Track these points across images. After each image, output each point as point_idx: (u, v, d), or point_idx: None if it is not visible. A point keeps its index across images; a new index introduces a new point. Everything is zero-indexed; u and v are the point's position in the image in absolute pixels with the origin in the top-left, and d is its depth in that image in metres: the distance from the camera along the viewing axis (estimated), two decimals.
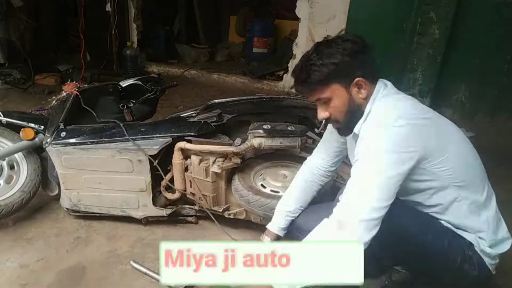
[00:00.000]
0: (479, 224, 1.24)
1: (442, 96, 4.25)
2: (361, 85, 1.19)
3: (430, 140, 1.15)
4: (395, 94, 1.24)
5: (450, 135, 1.23)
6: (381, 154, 1.10)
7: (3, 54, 5.00)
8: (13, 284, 1.68)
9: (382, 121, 1.14)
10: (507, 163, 3.09)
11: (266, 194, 1.83)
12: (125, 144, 1.92)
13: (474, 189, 1.24)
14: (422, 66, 4.07)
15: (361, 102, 1.21)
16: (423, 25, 3.91)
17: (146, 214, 2.06)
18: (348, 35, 1.21)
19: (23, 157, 2.12)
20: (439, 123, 1.23)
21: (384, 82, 1.26)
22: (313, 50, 1.20)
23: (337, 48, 1.16)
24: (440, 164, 1.17)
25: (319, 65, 1.16)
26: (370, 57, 1.21)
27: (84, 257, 1.86)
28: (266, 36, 6.25)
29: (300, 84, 1.23)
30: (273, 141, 1.79)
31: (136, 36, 6.07)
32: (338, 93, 1.20)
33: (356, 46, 1.17)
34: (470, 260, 1.25)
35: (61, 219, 2.17)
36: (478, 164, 1.28)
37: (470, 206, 1.23)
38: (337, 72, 1.16)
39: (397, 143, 1.10)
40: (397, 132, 1.10)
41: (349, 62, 1.16)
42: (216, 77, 5.65)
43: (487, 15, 3.82)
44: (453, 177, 1.20)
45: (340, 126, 1.29)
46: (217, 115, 1.99)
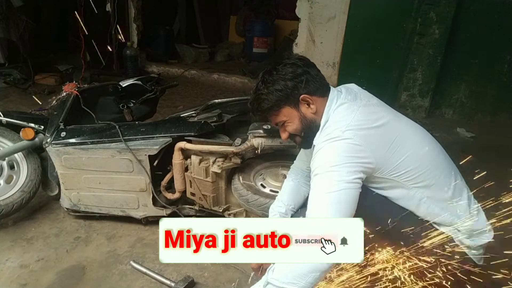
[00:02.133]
0: (453, 218, 1.26)
1: (442, 96, 4.25)
2: (308, 101, 1.25)
3: (380, 148, 1.17)
4: (349, 102, 1.24)
5: (406, 138, 1.24)
6: (331, 169, 1.12)
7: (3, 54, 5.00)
8: (13, 284, 1.68)
9: (330, 134, 1.17)
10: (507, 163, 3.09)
11: (265, 194, 1.83)
12: (125, 144, 1.92)
13: (439, 187, 1.25)
14: (422, 66, 4.08)
15: (313, 117, 1.26)
16: (423, 25, 3.92)
17: (146, 214, 2.06)
18: (290, 59, 1.27)
19: (23, 157, 2.12)
20: (393, 128, 1.23)
21: (338, 90, 1.30)
22: (260, 80, 1.28)
23: (278, 75, 1.24)
24: (396, 170, 1.20)
25: (266, 93, 1.25)
26: (312, 75, 1.25)
27: (84, 257, 1.86)
28: (266, 36, 6.26)
29: (254, 113, 1.34)
30: (273, 141, 1.79)
31: (136, 36, 6.07)
32: (290, 115, 1.27)
33: (296, 69, 1.24)
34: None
35: (61, 219, 2.17)
36: (441, 161, 1.29)
37: (438, 203, 1.25)
38: (283, 97, 1.24)
39: (345, 156, 1.12)
40: (344, 144, 1.13)
41: (291, 85, 1.23)
42: (216, 77, 5.65)
43: (487, 15, 3.83)
44: (413, 179, 1.22)
45: (300, 141, 1.34)
46: (217, 115, 1.99)
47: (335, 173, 1.11)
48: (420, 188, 1.23)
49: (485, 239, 1.30)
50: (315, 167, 1.16)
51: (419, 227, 1.25)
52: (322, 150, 1.16)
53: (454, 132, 3.86)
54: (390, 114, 1.27)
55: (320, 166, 1.14)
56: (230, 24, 7.33)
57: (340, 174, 1.11)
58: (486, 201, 1.34)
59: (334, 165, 1.12)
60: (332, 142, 1.15)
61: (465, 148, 3.45)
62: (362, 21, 4.22)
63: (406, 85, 4.22)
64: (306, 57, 1.30)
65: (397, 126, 1.25)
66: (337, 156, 1.12)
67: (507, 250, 1.33)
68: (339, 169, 1.11)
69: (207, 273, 1.75)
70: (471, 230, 1.27)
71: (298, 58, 1.28)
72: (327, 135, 1.17)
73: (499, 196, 1.33)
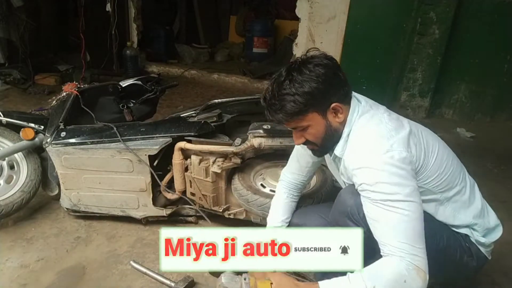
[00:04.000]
0: (469, 219, 1.27)
1: (442, 96, 4.25)
2: (338, 110, 1.15)
3: (420, 154, 1.14)
4: (373, 110, 1.19)
5: (430, 142, 1.21)
6: (396, 190, 1.03)
7: (3, 54, 4.99)
8: (13, 284, 1.68)
9: (373, 148, 1.08)
10: (507, 163, 3.09)
11: (265, 193, 1.83)
12: (124, 144, 1.92)
13: (456, 190, 1.25)
14: (422, 66, 4.08)
15: (338, 126, 1.17)
16: (423, 25, 3.92)
17: (146, 214, 2.06)
18: (319, 58, 1.13)
19: (23, 157, 2.12)
20: (417, 132, 1.20)
21: (357, 98, 1.21)
22: (285, 77, 1.12)
23: (310, 75, 1.09)
24: (430, 175, 1.18)
25: (293, 94, 1.10)
26: (342, 79, 1.14)
27: (84, 257, 1.86)
28: (266, 36, 6.26)
29: (273, 113, 1.15)
30: (273, 141, 1.79)
31: (136, 36, 6.07)
32: (315, 121, 1.15)
33: (328, 71, 1.11)
34: (468, 252, 1.28)
35: (61, 219, 2.17)
36: (453, 162, 1.28)
37: (455, 206, 1.26)
38: (312, 101, 1.11)
39: (404, 169, 1.06)
40: (391, 158, 1.06)
41: (323, 89, 1.10)
42: (216, 77, 5.65)
43: (487, 15, 3.83)
44: (440, 184, 1.21)
45: (316, 149, 1.26)
46: (217, 115, 1.99)
47: (403, 193, 1.03)
48: (444, 193, 1.22)
49: (498, 235, 1.33)
50: (370, 186, 1.06)
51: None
52: (375, 166, 1.06)
53: (454, 132, 3.87)
54: (403, 118, 1.25)
55: (382, 193, 1.04)
56: (230, 24, 7.33)
57: (407, 191, 1.04)
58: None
59: (397, 184, 1.04)
60: (384, 157, 1.05)
61: (465, 148, 3.46)
62: (362, 21, 4.22)
63: (406, 85, 4.22)
64: (334, 57, 1.17)
65: (418, 129, 1.23)
66: (399, 173, 1.05)
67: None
68: (403, 186, 1.04)
69: (207, 273, 1.75)
70: (486, 228, 1.29)
71: (328, 58, 1.13)
72: (371, 149, 1.09)
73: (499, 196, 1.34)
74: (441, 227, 1.27)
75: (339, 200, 1.26)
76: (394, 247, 1.02)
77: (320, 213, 1.45)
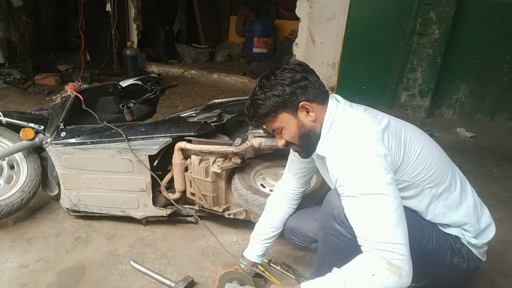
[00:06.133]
0: (460, 218, 1.27)
1: (442, 96, 4.26)
2: (308, 108, 1.20)
3: (397, 149, 1.16)
4: (351, 108, 1.23)
5: (413, 137, 1.22)
6: (368, 184, 1.05)
7: (3, 54, 5.00)
8: (13, 284, 1.67)
9: (349, 143, 1.12)
10: (507, 163, 3.09)
11: (264, 193, 1.83)
12: (125, 144, 1.92)
13: (445, 186, 1.25)
14: (422, 66, 4.08)
15: (312, 125, 1.22)
16: (423, 25, 3.93)
17: (146, 214, 2.06)
18: (288, 64, 1.23)
19: (23, 157, 2.12)
20: (397, 128, 1.21)
21: (336, 98, 1.26)
22: (257, 86, 1.25)
23: (276, 80, 1.20)
24: (413, 170, 1.18)
25: (263, 98, 1.21)
26: (311, 81, 1.21)
27: (84, 257, 1.86)
28: (266, 36, 6.27)
29: (250, 119, 1.30)
30: (273, 141, 1.79)
31: (136, 36, 6.07)
32: (287, 121, 1.23)
33: (295, 74, 1.19)
34: (459, 254, 1.28)
35: (61, 219, 2.17)
36: (443, 160, 1.29)
37: (446, 203, 1.25)
38: (281, 103, 1.20)
39: (379, 163, 1.07)
40: (374, 152, 1.08)
41: (289, 90, 1.18)
42: (216, 77, 5.66)
43: (487, 15, 3.83)
44: (427, 179, 1.21)
45: (298, 150, 1.31)
46: (217, 115, 1.99)
47: (386, 187, 1.05)
48: (432, 188, 1.23)
49: (490, 235, 1.32)
50: (356, 190, 1.07)
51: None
52: (348, 161, 1.09)
53: (454, 132, 3.87)
54: (386, 115, 1.26)
55: (363, 187, 1.06)
56: (230, 24, 7.34)
57: (388, 186, 1.05)
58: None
59: (371, 179, 1.05)
60: (357, 152, 1.09)
61: (465, 148, 3.46)
62: (362, 21, 4.22)
63: (406, 85, 4.22)
64: (305, 62, 1.27)
65: (400, 125, 1.24)
66: (372, 167, 1.06)
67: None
68: (376, 183, 1.05)
69: (207, 273, 1.75)
70: (478, 229, 1.29)
71: (297, 64, 1.24)
72: (345, 144, 1.12)
73: (500, 196, 1.34)
74: (430, 228, 1.27)
75: (326, 202, 1.28)
76: (366, 242, 1.05)
77: (315, 215, 1.45)
